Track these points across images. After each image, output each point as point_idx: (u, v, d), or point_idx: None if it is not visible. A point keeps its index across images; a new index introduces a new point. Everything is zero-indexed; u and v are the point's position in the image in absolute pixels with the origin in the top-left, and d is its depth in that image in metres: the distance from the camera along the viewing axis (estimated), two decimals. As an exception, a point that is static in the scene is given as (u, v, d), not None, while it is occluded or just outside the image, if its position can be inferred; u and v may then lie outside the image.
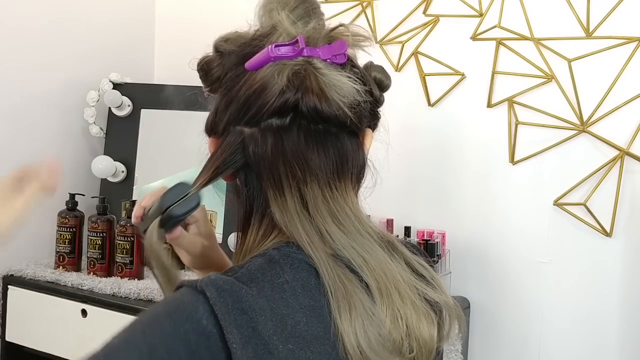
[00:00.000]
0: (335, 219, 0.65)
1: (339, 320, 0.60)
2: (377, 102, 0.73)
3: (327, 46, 0.67)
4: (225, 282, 0.59)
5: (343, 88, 0.65)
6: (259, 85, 0.65)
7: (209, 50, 0.73)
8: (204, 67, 0.71)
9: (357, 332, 0.59)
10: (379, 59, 0.74)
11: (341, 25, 0.70)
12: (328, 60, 0.66)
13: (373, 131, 0.75)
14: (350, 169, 0.68)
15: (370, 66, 0.73)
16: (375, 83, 0.72)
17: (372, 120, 0.73)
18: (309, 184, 0.65)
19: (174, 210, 0.69)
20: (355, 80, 0.66)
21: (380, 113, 0.74)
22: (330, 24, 0.71)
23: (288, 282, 0.62)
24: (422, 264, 0.69)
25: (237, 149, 0.67)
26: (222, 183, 0.72)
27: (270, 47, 0.65)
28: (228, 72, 0.68)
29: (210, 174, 0.68)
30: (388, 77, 0.74)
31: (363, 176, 0.72)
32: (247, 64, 0.66)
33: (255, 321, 0.58)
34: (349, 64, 0.69)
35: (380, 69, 0.73)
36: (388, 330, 0.61)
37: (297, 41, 0.65)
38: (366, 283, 0.63)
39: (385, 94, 0.75)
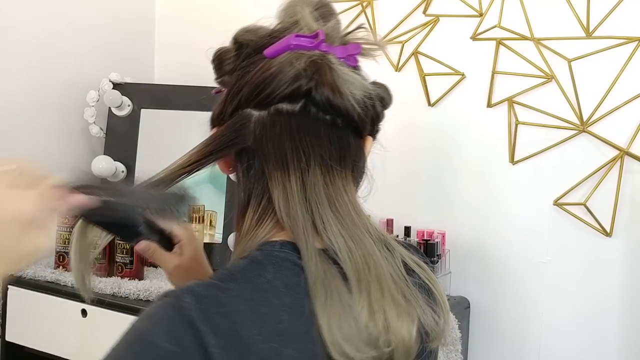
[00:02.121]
0: (332, 204, 0.66)
1: (318, 316, 0.59)
2: (379, 116, 0.75)
3: (342, 47, 0.70)
4: (205, 287, 0.60)
5: (355, 83, 0.68)
6: (275, 69, 0.66)
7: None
8: (220, 57, 0.73)
9: (333, 327, 0.59)
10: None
11: (358, 28, 0.73)
12: (342, 60, 0.69)
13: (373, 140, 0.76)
14: (351, 163, 0.69)
15: (373, 83, 0.75)
16: (377, 99, 0.73)
17: (372, 129, 0.74)
18: (312, 169, 0.66)
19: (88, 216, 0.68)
20: (365, 79, 0.70)
21: (380, 127, 0.76)
22: (345, 28, 0.74)
23: (270, 282, 0.61)
24: (419, 264, 0.69)
25: (241, 129, 0.68)
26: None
27: (291, 35, 0.68)
28: (244, 60, 0.70)
29: (203, 153, 0.69)
30: (390, 95, 0.76)
31: (362, 177, 0.73)
32: (267, 51, 0.68)
33: (236, 322, 0.58)
34: (358, 69, 0.72)
35: (383, 86, 0.75)
36: (365, 323, 0.60)
37: (317, 35, 0.68)
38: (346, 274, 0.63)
39: None
